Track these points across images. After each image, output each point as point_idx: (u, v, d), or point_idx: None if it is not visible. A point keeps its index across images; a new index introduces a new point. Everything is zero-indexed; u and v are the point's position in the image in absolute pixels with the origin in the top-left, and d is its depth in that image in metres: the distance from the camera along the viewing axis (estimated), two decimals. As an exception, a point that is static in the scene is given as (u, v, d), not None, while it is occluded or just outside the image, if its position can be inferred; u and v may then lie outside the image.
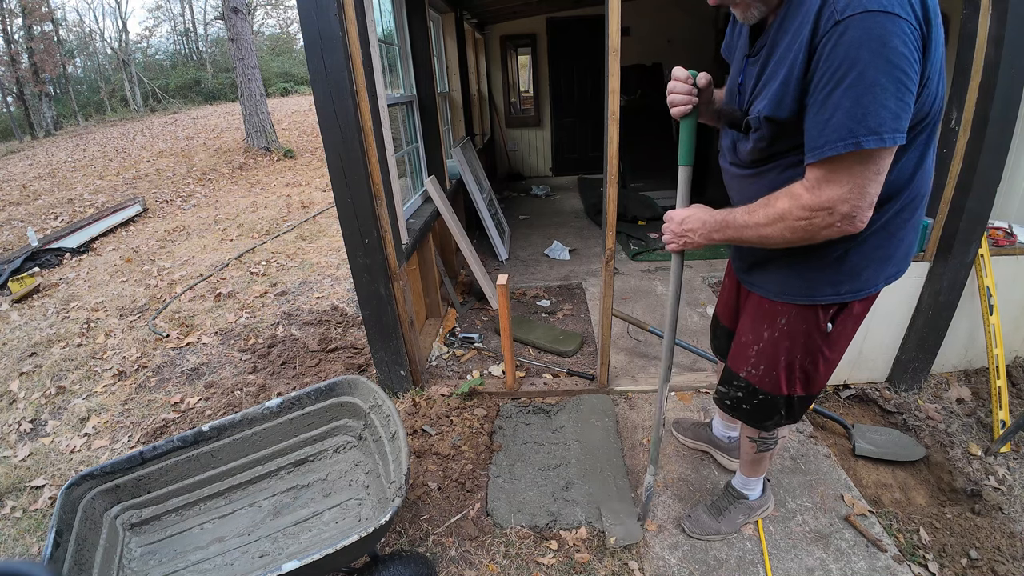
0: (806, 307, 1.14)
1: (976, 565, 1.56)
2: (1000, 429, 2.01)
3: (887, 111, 0.81)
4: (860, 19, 0.78)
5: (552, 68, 6.75)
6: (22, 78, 17.02)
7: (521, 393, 2.43)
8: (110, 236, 5.84)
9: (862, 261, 1.07)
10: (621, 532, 1.68)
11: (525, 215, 5.52)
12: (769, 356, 1.25)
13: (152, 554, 1.52)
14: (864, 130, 0.82)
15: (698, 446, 2.05)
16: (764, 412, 1.34)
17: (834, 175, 0.88)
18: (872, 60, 0.79)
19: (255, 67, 9.21)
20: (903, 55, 0.79)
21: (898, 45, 0.78)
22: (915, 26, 0.80)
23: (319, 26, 1.72)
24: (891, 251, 1.07)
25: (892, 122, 0.82)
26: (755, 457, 1.56)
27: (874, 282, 1.10)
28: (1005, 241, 2.13)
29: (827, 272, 1.09)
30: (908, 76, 0.80)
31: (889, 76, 0.79)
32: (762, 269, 1.21)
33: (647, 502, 1.70)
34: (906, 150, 0.95)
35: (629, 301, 3.29)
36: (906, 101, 0.82)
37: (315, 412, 1.70)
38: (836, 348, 1.21)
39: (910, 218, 1.05)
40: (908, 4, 0.80)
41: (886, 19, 0.77)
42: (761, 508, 1.72)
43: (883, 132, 0.82)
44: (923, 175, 1.02)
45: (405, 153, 3.30)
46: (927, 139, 0.98)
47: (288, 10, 29.48)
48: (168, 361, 3.03)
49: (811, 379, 1.26)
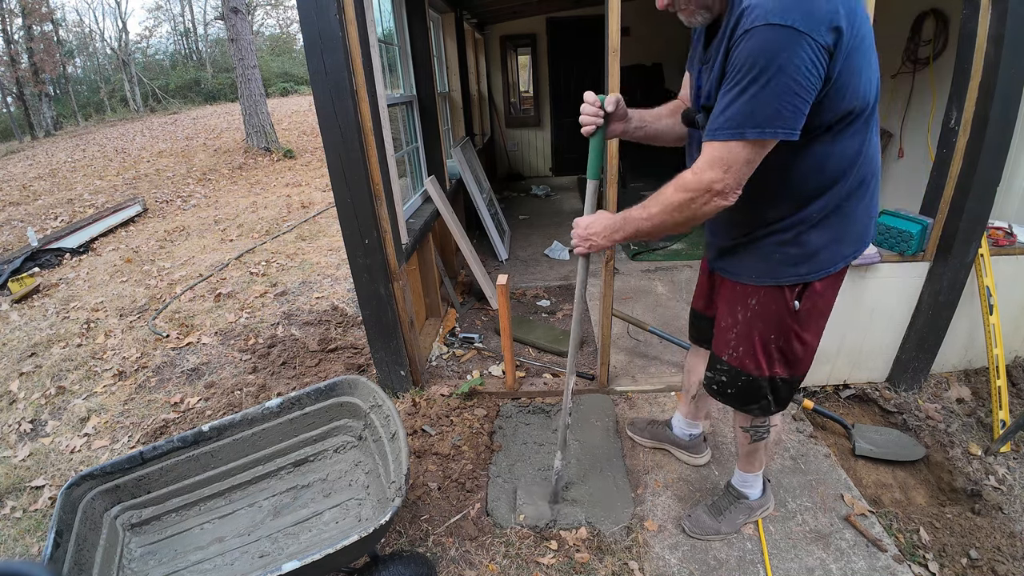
0: (773, 288, 1.24)
1: (976, 565, 1.56)
2: (1000, 429, 2.01)
3: (771, 110, 0.94)
4: (763, 30, 0.90)
5: (552, 68, 6.75)
6: (22, 78, 17.02)
7: (521, 393, 2.43)
8: (110, 236, 5.84)
9: (817, 243, 1.16)
10: (531, 512, 1.77)
11: (525, 215, 5.52)
12: (746, 337, 1.32)
13: (152, 554, 1.52)
14: (750, 124, 0.95)
15: (657, 445, 2.06)
16: (749, 394, 1.39)
17: (716, 159, 1.01)
18: (767, 66, 0.91)
19: (255, 67, 9.21)
20: (796, 65, 0.90)
21: (791, 56, 0.89)
22: (816, 40, 0.89)
23: (319, 26, 1.72)
24: (842, 233, 1.16)
25: (775, 120, 0.94)
26: (750, 448, 1.58)
27: (832, 262, 1.19)
28: (1005, 241, 2.13)
29: (787, 255, 1.19)
30: (798, 83, 0.91)
31: (779, 82, 0.91)
32: (731, 255, 1.31)
33: (556, 484, 1.77)
34: (842, 138, 1.05)
35: (629, 301, 3.29)
36: (795, 104, 0.93)
37: (315, 412, 1.70)
38: (808, 328, 1.28)
39: (859, 202, 1.14)
40: (816, 16, 0.89)
41: (785, 32, 0.88)
42: (761, 508, 1.72)
43: (764, 127, 0.95)
44: (866, 161, 1.11)
45: (405, 153, 3.30)
46: (863, 127, 1.07)
47: (288, 10, 29.52)
48: (168, 361, 3.03)
49: (790, 360, 1.32)
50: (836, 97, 0.97)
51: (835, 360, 2.31)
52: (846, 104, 1.00)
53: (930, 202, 2.05)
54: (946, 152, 1.93)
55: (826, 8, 0.89)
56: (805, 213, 1.14)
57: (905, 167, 3.22)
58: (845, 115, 1.02)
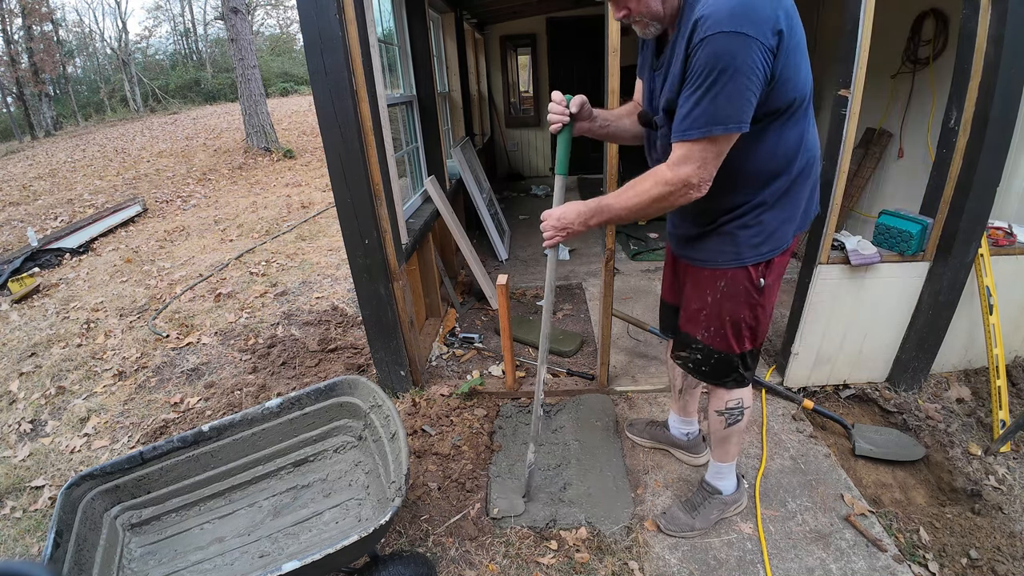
0: (739, 269, 1.34)
1: (976, 565, 1.56)
2: (1000, 429, 2.01)
3: (732, 107, 1.05)
4: (717, 38, 1.01)
5: (552, 68, 6.75)
6: (22, 78, 17.02)
7: (521, 393, 2.43)
8: (110, 236, 5.84)
9: (773, 223, 1.29)
10: (504, 505, 1.82)
11: (525, 215, 5.52)
12: (717, 317, 1.42)
13: (152, 554, 1.52)
14: (714, 122, 1.07)
15: (656, 446, 2.07)
16: (723, 369, 1.49)
17: (689, 156, 1.12)
18: (724, 68, 1.02)
19: (255, 67, 9.21)
20: (749, 66, 1.02)
21: (744, 58, 1.01)
22: (763, 43, 1.01)
23: (319, 26, 1.72)
24: (793, 212, 1.30)
25: (736, 115, 1.06)
26: (724, 434, 1.61)
27: (785, 239, 1.32)
28: (1005, 241, 2.13)
29: (749, 238, 1.30)
30: (752, 81, 1.04)
31: (736, 82, 1.03)
32: (697, 243, 1.40)
33: (529, 479, 1.83)
34: (788, 127, 1.18)
35: (629, 301, 3.29)
36: (749, 100, 1.06)
37: (315, 412, 1.70)
38: (769, 300, 1.41)
39: (804, 183, 1.28)
40: (761, 22, 1.00)
41: (737, 38, 1.00)
42: (735, 504, 1.74)
43: (728, 123, 1.07)
44: (807, 146, 1.25)
45: (405, 153, 3.30)
46: (803, 117, 1.20)
47: (288, 10, 29.50)
48: (168, 361, 3.03)
49: (755, 332, 1.44)
50: (781, 90, 1.10)
51: (835, 360, 2.31)
52: (788, 96, 1.12)
53: (930, 202, 2.05)
54: (946, 152, 1.93)
55: (769, 14, 1.01)
56: (762, 197, 1.26)
57: (905, 167, 3.22)
58: (788, 105, 1.14)
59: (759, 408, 2.24)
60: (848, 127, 1.85)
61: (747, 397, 1.57)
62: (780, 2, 1.04)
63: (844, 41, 1.80)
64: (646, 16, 1.16)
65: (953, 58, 1.87)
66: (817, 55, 3.80)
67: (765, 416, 2.20)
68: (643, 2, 1.14)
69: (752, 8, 1.00)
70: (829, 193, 1.96)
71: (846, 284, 2.13)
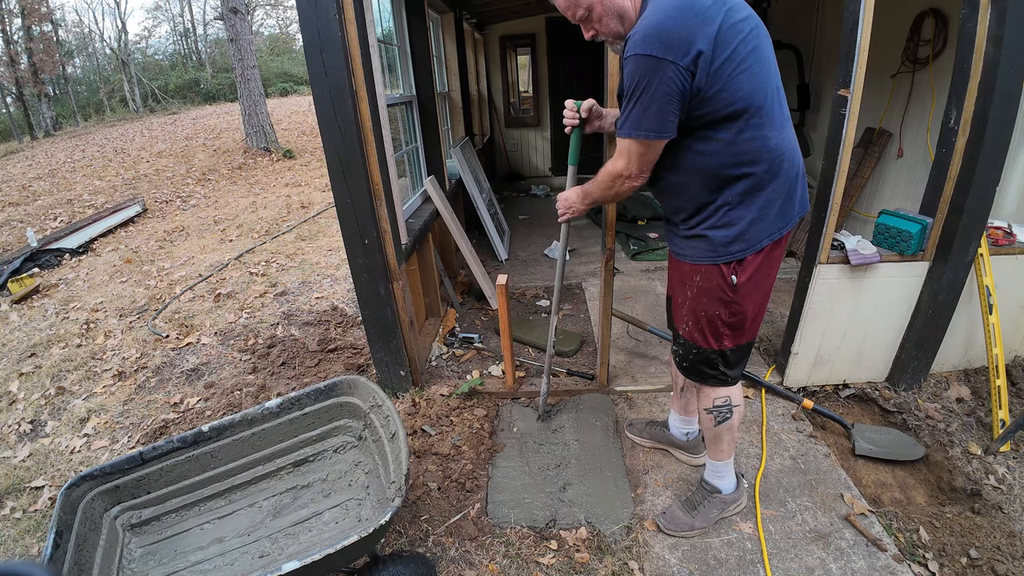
0: (712, 266, 1.40)
1: (976, 564, 1.56)
2: (1000, 428, 2.01)
3: (652, 119, 1.20)
4: (634, 59, 1.15)
5: (552, 68, 6.74)
6: (21, 79, 17.00)
7: (521, 393, 2.43)
8: (109, 237, 5.84)
9: (742, 224, 1.34)
10: (523, 426, 2.04)
11: (525, 215, 5.52)
12: (693, 312, 1.49)
13: (152, 554, 1.52)
14: (637, 128, 1.23)
15: (656, 446, 2.08)
16: (702, 365, 1.54)
17: (623, 152, 1.30)
18: (639, 85, 1.17)
19: (254, 67, 9.21)
20: (661, 84, 1.14)
21: (656, 78, 1.13)
22: (675, 64, 1.11)
23: (319, 26, 1.72)
24: (764, 212, 1.33)
25: (656, 127, 1.21)
26: (716, 432, 1.62)
27: (758, 239, 1.35)
28: (1004, 240, 2.13)
29: (721, 238, 1.37)
30: (668, 97, 1.16)
31: (650, 97, 1.17)
32: (681, 239, 1.48)
33: (543, 402, 2.18)
34: (743, 133, 1.24)
35: (629, 301, 3.29)
36: (666, 113, 1.19)
37: (315, 412, 1.70)
38: (748, 299, 1.42)
39: (771, 184, 1.31)
40: (673, 45, 1.10)
41: (649, 60, 1.13)
42: (735, 503, 1.74)
43: (649, 132, 1.22)
44: (770, 149, 1.27)
45: (405, 153, 3.29)
46: (764, 123, 1.24)
47: (288, 10, 29.46)
48: (168, 361, 3.03)
49: (736, 329, 1.46)
50: (713, 100, 1.18)
51: (835, 360, 2.31)
52: (730, 106, 1.19)
53: (929, 201, 2.05)
54: (945, 152, 1.93)
55: (683, 38, 1.11)
56: (725, 197, 1.33)
57: (905, 167, 3.22)
58: (735, 113, 1.21)
59: (759, 408, 2.24)
60: (848, 127, 1.85)
61: (735, 396, 1.59)
62: (706, 24, 1.11)
63: (843, 41, 1.80)
64: (609, 35, 1.32)
65: (952, 58, 1.88)
66: (817, 55, 3.83)
67: (765, 416, 2.20)
68: (604, 24, 1.29)
69: (665, 31, 1.11)
70: (828, 192, 1.97)
71: (846, 284, 2.13)
